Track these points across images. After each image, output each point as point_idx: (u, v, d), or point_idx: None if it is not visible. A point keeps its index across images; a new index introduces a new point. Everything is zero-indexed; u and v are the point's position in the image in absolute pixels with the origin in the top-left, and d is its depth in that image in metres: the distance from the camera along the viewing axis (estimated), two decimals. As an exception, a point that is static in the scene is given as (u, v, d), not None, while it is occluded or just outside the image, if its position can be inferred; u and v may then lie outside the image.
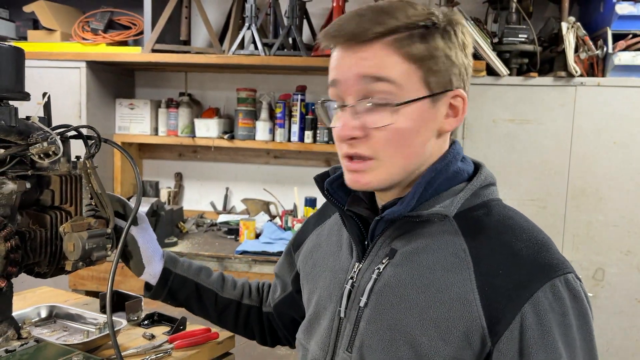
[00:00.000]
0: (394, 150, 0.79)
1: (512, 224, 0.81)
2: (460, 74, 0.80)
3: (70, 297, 1.43)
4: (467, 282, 0.76)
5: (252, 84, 2.97)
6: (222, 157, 3.14)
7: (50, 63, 2.69)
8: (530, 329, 0.72)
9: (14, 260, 0.95)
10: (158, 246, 1.10)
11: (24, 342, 1.00)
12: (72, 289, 2.51)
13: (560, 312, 0.73)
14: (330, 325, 0.89)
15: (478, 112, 2.42)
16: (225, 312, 1.15)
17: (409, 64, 0.76)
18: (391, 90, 0.76)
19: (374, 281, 0.83)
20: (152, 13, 2.68)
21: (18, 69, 0.96)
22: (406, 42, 0.76)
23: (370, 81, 0.77)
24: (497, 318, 0.73)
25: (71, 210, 1.03)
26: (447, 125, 0.82)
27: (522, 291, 0.73)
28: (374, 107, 0.77)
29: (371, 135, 0.78)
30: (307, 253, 1.04)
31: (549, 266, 0.75)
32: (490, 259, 0.76)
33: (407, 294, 0.79)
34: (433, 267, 0.79)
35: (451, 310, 0.75)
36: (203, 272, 1.15)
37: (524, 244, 0.77)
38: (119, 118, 2.97)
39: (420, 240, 0.81)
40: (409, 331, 0.77)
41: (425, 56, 0.77)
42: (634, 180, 2.32)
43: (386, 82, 0.76)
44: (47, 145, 0.93)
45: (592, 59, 2.39)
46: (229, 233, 2.79)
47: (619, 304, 2.36)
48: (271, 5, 2.76)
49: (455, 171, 0.83)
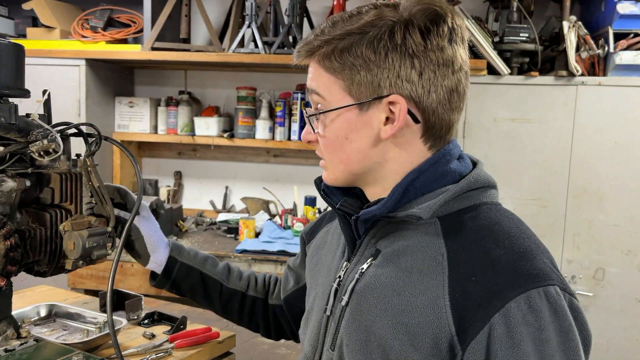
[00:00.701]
0: (330, 155, 0.85)
1: (497, 230, 0.77)
2: (398, 77, 0.77)
3: (69, 296, 1.42)
4: (439, 287, 0.73)
5: (252, 83, 2.96)
6: (221, 156, 3.13)
7: (49, 61, 2.68)
8: (499, 340, 0.68)
9: (14, 259, 0.94)
10: (162, 235, 1.10)
11: (24, 342, 0.99)
12: (72, 287, 2.50)
13: (535, 326, 0.68)
14: (319, 322, 0.90)
15: (479, 111, 2.41)
16: (230, 302, 1.14)
17: (329, 76, 0.81)
18: (320, 101, 0.83)
19: (355, 281, 0.83)
20: (152, 11, 2.67)
21: (18, 66, 0.95)
22: (327, 57, 0.80)
23: (310, 93, 0.85)
24: (466, 326, 0.70)
25: (71, 209, 1.02)
26: (383, 133, 0.79)
27: (494, 300, 0.69)
28: (311, 116, 0.85)
29: (318, 140, 0.86)
30: (314, 249, 1.05)
31: (527, 276, 0.71)
32: (466, 265, 0.74)
33: (384, 296, 0.78)
34: (410, 270, 0.77)
35: (422, 315, 0.73)
36: (209, 262, 1.14)
37: (504, 251, 0.74)
38: (119, 116, 2.97)
39: (403, 242, 0.80)
40: (382, 334, 0.76)
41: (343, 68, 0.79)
42: (634, 179, 2.32)
43: (316, 94, 0.83)
44: (47, 143, 0.93)
45: (593, 59, 2.39)
46: (228, 232, 2.78)
47: (619, 303, 2.36)
48: (271, 3, 2.75)
49: (445, 171, 0.81)
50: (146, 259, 1.08)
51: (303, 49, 0.84)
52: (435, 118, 0.79)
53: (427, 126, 0.80)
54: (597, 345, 0.66)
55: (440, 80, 0.78)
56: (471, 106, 2.41)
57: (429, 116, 0.79)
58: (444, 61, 0.78)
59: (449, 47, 0.78)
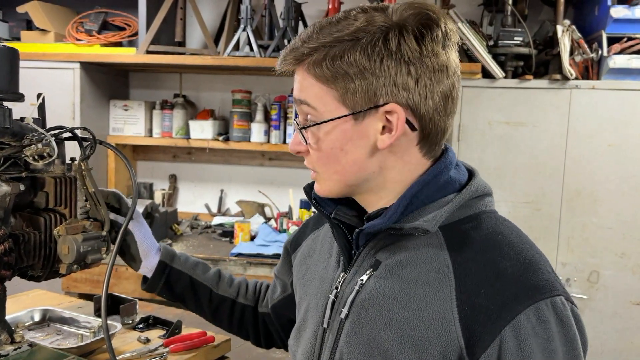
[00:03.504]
0: (324, 166, 0.82)
1: (501, 240, 0.77)
2: (394, 85, 0.75)
3: (63, 300, 1.42)
4: (447, 300, 0.73)
5: (247, 86, 2.96)
6: (216, 159, 3.13)
7: (43, 64, 2.67)
8: (510, 353, 0.68)
9: (8, 264, 0.93)
10: (154, 240, 1.10)
11: (18, 347, 0.98)
12: (65, 291, 2.49)
13: (544, 337, 0.69)
14: (314, 335, 0.87)
15: (473, 115, 2.42)
16: (220, 309, 1.13)
17: (320, 86, 0.77)
18: (310, 112, 0.79)
19: (355, 292, 0.81)
20: (146, 14, 2.66)
21: (12, 70, 0.95)
22: (317, 65, 0.76)
23: (298, 103, 0.81)
24: (475, 340, 0.70)
25: (66, 213, 1.02)
26: (380, 142, 0.77)
27: (504, 313, 0.70)
28: (301, 127, 0.81)
29: (309, 151, 0.82)
30: (302, 258, 1.02)
31: (535, 288, 0.71)
32: (473, 277, 0.73)
33: (388, 308, 0.77)
34: (415, 282, 0.76)
35: (429, 329, 0.73)
36: (199, 267, 1.13)
37: (510, 263, 0.74)
38: (113, 119, 2.96)
39: (405, 253, 0.79)
40: (386, 348, 0.75)
41: (336, 76, 0.75)
42: (628, 182, 2.33)
43: (306, 105, 0.79)
44: (42, 147, 0.92)
45: (587, 62, 2.40)
46: (223, 235, 2.78)
47: (613, 306, 2.37)
48: (267, 6, 2.75)
49: (446, 181, 0.80)
50: (138, 264, 1.07)
51: (290, 56, 0.79)
52: (431, 125, 0.78)
53: (424, 133, 0.78)
54: (591, 347, 0.66)
55: (435, 87, 0.77)
56: (466, 110, 2.42)
57: (426, 123, 0.78)
58: (439, 67, 0.76)
59: (443, 52, 0.77)
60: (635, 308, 2.36)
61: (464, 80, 2.39)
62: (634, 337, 2.37)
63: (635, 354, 2.36)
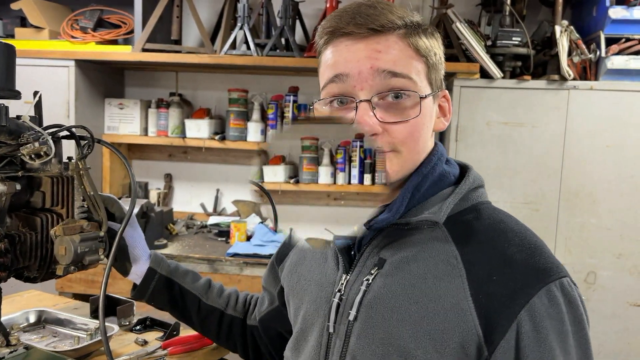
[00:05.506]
0: (412, 143, 0.78)
1: (504, 228, 0.78)
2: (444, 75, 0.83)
3: (59, 301, 1.40)
4: (460, 291, 0.73)
5: (244, 85, 2.94)
6: (212, 158, 3.11)
7: (38, 61, 2.64)
8: (527, 336, 0.70)
9: (3, 265, 0.92)
10: (146, 246, 1.08)
11: (13, 349, 0.97)
12: (59, 291, 2.46)
13: (557, 319, 0.71)
14: (319, 341, 0.85)
15: (472, 115, 2.41)
16: (208, 319, 1.11)
17: (418, 59, 0.78)
18: (409, 85, 0.76)
19: (363, 293, 0.79)
20: (142, 12, 2.64)
21: (8, 66, 0.93)
22: (415, 35, 0.77)
23: (387, 76, 0.76)
24: (493, 326, 0.70)
25: (62, 213, 1.00)
26: (440, 124, 0.83)
27: (518, 298, 0.71)
28: (393, 101, 0.76)
29: (390, 129, 0.76)
30: (291, 267, 1.00)
31: (544, 270, 0.73)
32: (483, 265, 0.74)
33: (399, 305, 0.76)
34: (425, 276, 0.76)
35: (446, 320, 0.73)
36: (189, 276, 1.11)
37: (517, 249, 0.75)
38: (108, 118, 2.93)
39: (410, 249, 0.79)
40: (402, 345, 0.75)
41: (428, 51, 0.79)
42: (626, 183, 2.33)
43: (402, 77, 0.76)
44: (39, 146, 0.90)
45: (585, 63, 2.40)
46: (219, 235, 2.76)
47: (611, 306, 2.37)
48: (264, 5, 2.74)
49: (441, 174, 0.82)
50: (127, 270, 1.05)
51: (390, 18, 0.75)
52: None
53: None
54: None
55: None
56: (464, 110, 2.41)
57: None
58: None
59: None
60: (632, 309, 2.36)
61: (462, 80, 2.38)
62: (631, 338, 2.37)
63: (633, 354, 2.37)
